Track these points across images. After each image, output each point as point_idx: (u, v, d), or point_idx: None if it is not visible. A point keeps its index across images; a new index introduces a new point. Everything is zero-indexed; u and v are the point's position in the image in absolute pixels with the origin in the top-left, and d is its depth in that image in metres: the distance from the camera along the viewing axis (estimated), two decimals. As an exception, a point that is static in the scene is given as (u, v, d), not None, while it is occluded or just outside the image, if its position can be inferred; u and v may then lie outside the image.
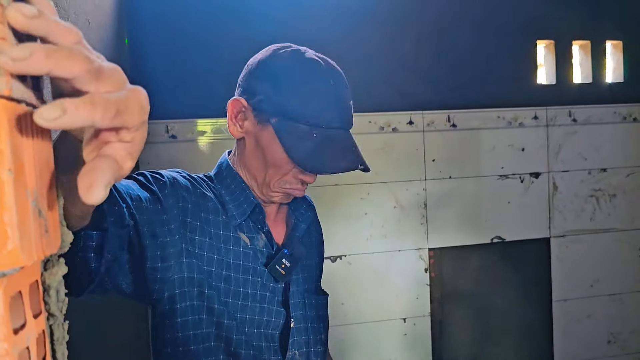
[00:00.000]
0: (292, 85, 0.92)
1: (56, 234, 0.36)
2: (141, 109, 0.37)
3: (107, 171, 0.33)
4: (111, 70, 0.35)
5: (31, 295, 0.34)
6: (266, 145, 0.94)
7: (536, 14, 2.31)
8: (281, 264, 0.97)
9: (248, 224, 0.99)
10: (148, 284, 0.86)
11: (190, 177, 0.98)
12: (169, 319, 0.90)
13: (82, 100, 0.31)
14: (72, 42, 0.33)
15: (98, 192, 0.32)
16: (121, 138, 0.36)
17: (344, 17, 2.12)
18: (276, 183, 0.96)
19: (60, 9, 0.97)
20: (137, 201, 0.82)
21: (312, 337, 1.04)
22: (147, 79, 1.93)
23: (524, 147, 2.31)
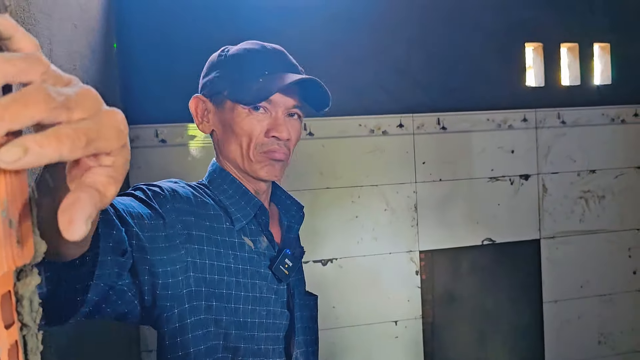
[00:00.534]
0: (236, 56, 0.99)
1: (29, 244, 0.36)
2: (118, 132, 0.35)
3: (87, 205, 0.32)
4: (82, 95, 0.33)
5: (3, 305, 0.33)
6: (230, 119, 0.98)
7: (524, 17, 2.32)
8: (285, 264, 0.99)
9: (251, 227, 0.99)
10: (158, 303, 0.85)
11: (189, 186, 0.98)
12: (180, 335, 0.88)
13: (45, 136, 0.29)
14: (39, 72, 0.32)
15: (78, 228, 0.31)
16: (101, 163, 0.35)
17: (333, 21, 2.12)
18: (254, 151, 0.97)
19: (45, 15, 0.96)
20: (139, 219, 0.81)
21: (308, 337, 1.07)
22: (137, 83, 1.93)
23: (513, 149, 2.32)
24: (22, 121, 0.29)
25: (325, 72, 2.10)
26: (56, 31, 1.04)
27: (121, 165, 0.36)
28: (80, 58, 1.28)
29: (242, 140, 0.97)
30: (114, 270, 0.72)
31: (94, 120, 0.33)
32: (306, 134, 2.10)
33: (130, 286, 0.80)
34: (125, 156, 0.36)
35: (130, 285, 0.80)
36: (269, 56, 0.99)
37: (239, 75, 0.97)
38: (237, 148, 0.98)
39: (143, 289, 0.82)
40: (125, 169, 0.37)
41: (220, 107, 1.00)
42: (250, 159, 0.98)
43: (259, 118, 0.97)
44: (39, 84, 0.31)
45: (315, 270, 2.12)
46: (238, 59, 0.99)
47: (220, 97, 0.99)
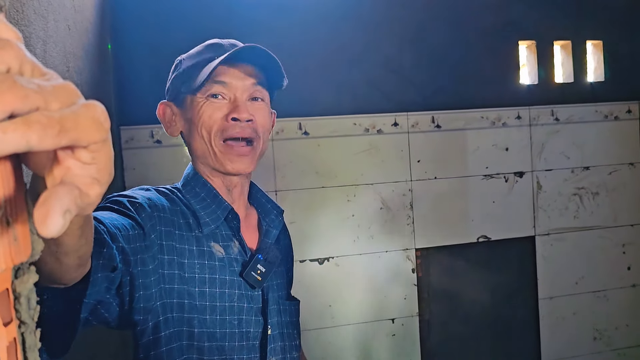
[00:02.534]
0: (188, 56, 1.01)
1: (26, 241, 0.36)
2: (97, 124, 0.32)
3: (64, 197, 0.30)
4: (58, 87, 0.31)
5: (2, 303, 0.34)
6: (192, 113, 0.98)
7: (517, 15, 2.33)
8: (256, 270, 0.97)
9: (221, 232, 0.98)
10: (134, 315, 0.84)
11: (163, 192, 0.97)
12: (154, 349, 0.87)
13: (11, 122, 0.27)
14: (11, 58, 0.29)
15: (55, 221, 0.29)
16: (78, 157, 0.32)
17: (328, 20, 2.13)
18: (215, 139, 0.96)
19: (39, 16, 0.96)
20: (125, 230, 0.80)
21: (287, 343, 1.04)
22: (131, 84, 1.93)
23: (507, 147, 2.33)
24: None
25: (319, 72, 2.11)
26: (51, 32, 1.04)
27: (104, 164, 0.34)
28: (74, 59, 1.28)
29: (203, 130, 0.96)
30: (103, 285, 0.72)
31: (70, 109, 0.31)
32: (301, 134, 2.11)
33: (114, 297, 0.80)
34: (108, 154, 0.34)
35: (114, 296, 0.80)
36: (221, 45, 1.00)
37: (192, 67, 0.98)
38: (200, 140, 0.97)
39: (125, 299, 0.82)
40: (109, 170, 0.34)
41: (182, 106, 1.00)
42: (214, 150, 0.96)
43: (218, 105, 0.96)
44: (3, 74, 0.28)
45: (311, 269, 2.13)
46: (191, 56, 1.00)
47: (181, 96, 1.00)
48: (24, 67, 0.30)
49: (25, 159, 0.36)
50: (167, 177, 1.93)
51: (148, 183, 1.92)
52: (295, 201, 2.09)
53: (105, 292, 0.73)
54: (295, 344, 1.06)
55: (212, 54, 0.97)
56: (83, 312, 0.66)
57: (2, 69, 0.29)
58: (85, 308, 0.66)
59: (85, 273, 0.59)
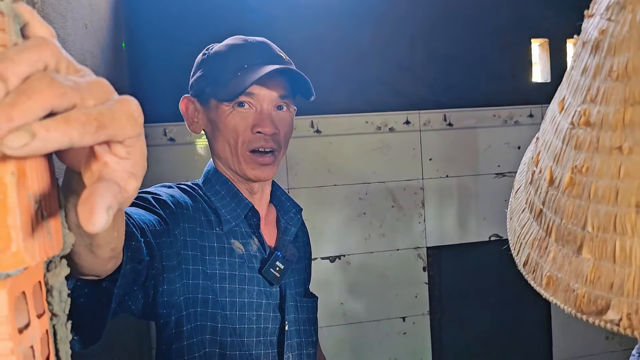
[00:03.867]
0: (218, 53, 0.99)
1: (58, 235, 0.37)
2: (132, 120, 0.32)
3: (106, 193, 0.31)
4: (93, 83, 0.31)
5: (34, 295, 0.34)
6: (215, 117, 0.97)
7: (530, 13, 2.32)
8: (275, 267, 0.98)
9: (241, 229, 0.99)
10: (157, 309, 0.86)
11: (185, 190, 0.98)
12: (176, 343, 0.89)
13: (53, 120, 0.28)
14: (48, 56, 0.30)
15: (100, 217, 0.29)
16: (115, 152, 0.33)
17: (339, 18, 2.13)
18: (241, 149, 0.96)
19: (58, 15, 0.98)
20: (152, 226, 0.82)
21: (304, 339, 1.05)
22: (145, 82, 1.94)
23: (519, 145, 2.32)
24: (31, 114, 0.27)
25: (331, 70, 2.11)
26: (70, 31, 1.05)
27: (139, 159, 0.34)
28: (91, 57, 1.29)
29: (229, 138, 0.96)
30: (131, 277, 0.73)
31: (106, 105, 0.31)
32: (313, 132, 2.11)
33: (140, 290, 0.82)
34: (142, 149, 0.34)
35: (140, 289, 0.82)
36: (250, 49, 0.98)
37: (219, 71, 0.96)
38: (226, 146, 0.98)
39: (149, 292, 0.84)
40: (143, 164, 0.35)
41: (206, 106, 1.00)
42: (238, 158, 0.97)
43: (243, 114, 0.96)
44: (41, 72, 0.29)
45: (323, 267, 2.13)
46: (219, 56, 0.98)
47: (205, 96, 0.99)
48: (59, 65, 0.31)
49: (61, 154, 0.37)
50: (181, 174, 1.94)
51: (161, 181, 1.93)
52: (307, 199, 2.09)
53: (132, 283, 0.75)
54: (311, 340, 1.07)
55: (242, 61, 0.95)
56: (113, 303, 0.67)
57: (40, 67, 0.29)
58: (115, 299, 0.67)
59: (118, 265, 0.60)
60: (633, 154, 0.48)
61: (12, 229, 0.30)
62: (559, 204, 0.56)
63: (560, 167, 0.56)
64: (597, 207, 0.51)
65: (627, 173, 0.49)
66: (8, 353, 0.30)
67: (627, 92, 0.49)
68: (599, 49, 0.54)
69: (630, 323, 0.46)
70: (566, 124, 0.56)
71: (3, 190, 0.29)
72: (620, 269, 0.48)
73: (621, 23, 0.51)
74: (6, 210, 0.29)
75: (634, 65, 0.49)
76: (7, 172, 0.29)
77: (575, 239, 0.52)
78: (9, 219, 0.30)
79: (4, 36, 0.30)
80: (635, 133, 0.48)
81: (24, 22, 0.33)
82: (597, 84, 0.53)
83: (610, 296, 0.49)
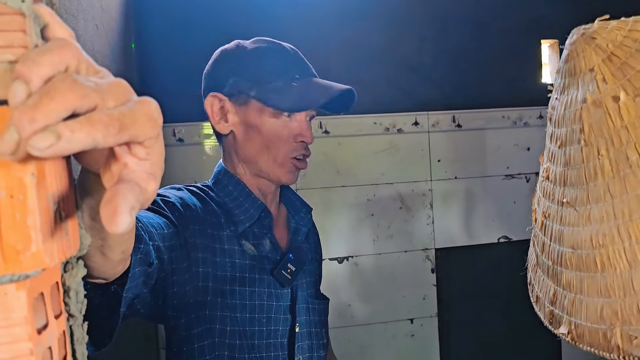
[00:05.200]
0: (258, 54, 0.97)
1: (75, 236, 0.37)
2: (152, 121, 0.33)
3: (129, 195, 0.31)
4: (113, 84, 0.32)
5: (52, 296, 0.35)
6: (256, 121, 0.96)
7: (540, 14, 2.31)
8: (287, 269, 0.97)
9: (253, 230, 0.98)
10: (167, 311, 0.86)
11: (194, 192, 0.98)
12: (187, 345, 0.89)
13: (77, 122, 0.28)
14: (69, 57, 0.30)
15: (123, 219, 0.30)
16: (135, 153, 0.33)
17: (348, 18, 2.13)
18: (283, 155, 0.97)
19: (70, 15, 0.98)
20: (160, 229, 0.81)
21: (315, 342, 1.04)
22: (154, 82, 1.94)
23: (529, 147, 2.31)
24: (54, 115, 0.27)
25: (339, 70, 2.11)
26: (81, 32, 1.06)
27: (158, 159, 0.34)
28: (101, 58, 1.30)
29: (271, 145, 0.96)
30: (140, 280, 0.73)
31: (127, 106, 0.31)
32: (322, 132, 2.11)
33: (150, 293, 0.82)
34: (160, 150, 0.35)
35: (150, 292, 0.81)
36: (292, 58, 0.98)
37: (265, 76, 0.95)
38: (264, 152, 0.97)
39: (159, 295, 0.84)
40: (161, 165, 0.35)
41: (242, 106, 0.97)
42: (277, 164, 0.97)
43: (286, 122, 0.96)
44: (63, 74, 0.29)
45: (331, 268, 2.13)
46: (260, 59, 0.97)
47: (244, 97, 0.96)
48: (80, 66, 0.31)
49: (79, 155, 0.37)
50: (189, 175, 1.95)
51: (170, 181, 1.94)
52: (316, 200, 2.09)
53: (142, 286, 0.75)
54: (322, 343, 1.06)
55: (290, 70, 0.96)
56: (122, 306, 0.67)
57: (61, 69, 0.30)
58: (124, 302, 0.67)
59: (126, 268, 0.60)
60: (569, 206, 0.60)
61: (32, 229, 0.30)
62: (539, 240, 0.72)
63: (539, 210, 0.72)
64: (554, 245, 0.65)
65: (567, 221, 0.61)
66: (27, 354, 0.30)
67: (565, 158, 0.62)
68: (551, 121, 0.70)
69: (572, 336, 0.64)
70: (540, 175, 0.73)
71: (23, 191, 0.29)
72: (569, 294, 0.62)
73: (562, 102, 0.65)
74: (26, 210, 0.30)
75: (568, 138, 0.62)
76: (28, 173, 0.29)
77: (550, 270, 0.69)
78: (29, 219, 0.30)
79: (25, 38, 0.30)
80: (570, 190, 0.60)
81: (44, 23, 0.33)
82: (551, 148, 0.68)
83: (564, 315, 0.66)
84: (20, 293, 0.30)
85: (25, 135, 0.27)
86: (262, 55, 0.97)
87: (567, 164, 0.59)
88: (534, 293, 0.81)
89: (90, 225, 0.43)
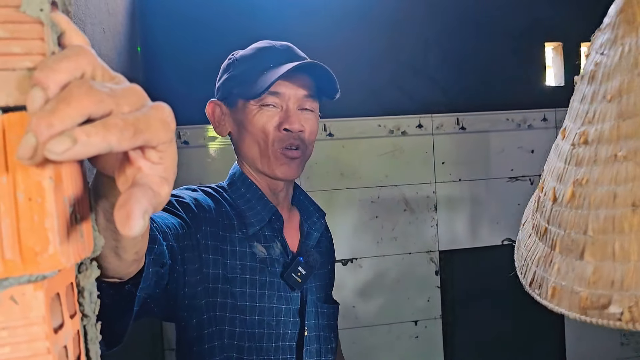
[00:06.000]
0: (241, 57, 1.01)
1: (89, 238, 0.38)
2: (165, 125, 0.33)
3: (142, 199, 0.31)
4: (128, 90, 0.33)
5: (67, 296, 0.35)
6: (242, 117, 0.99)
7: (544, 17, 2.31)
8: (297, 272, 0.98)
9: (264, 233, 0.99)
10: (178, 312, 0.87)
11: (209, 193, 0.99)
12: (197, 346, 0.89)
13: (93, 126, 0.29)
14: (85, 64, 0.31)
15: (136, 222, 0.30)
16: (148, 157, 0.34)
17: (352, 21, 2.14)
18: (271, 147, 0.97)
19: (78, 20, 0.99)
20: (174, 229, 0.82)
21: (323, 346, 1.04)
22: (159, 85, 1.96)
23: (533, 149, 2.31)
24: (71, 120, 0.28)
25: (343, 73, 2.12)
26: (89, 36, 1.07)
27: (171, 164, 0.35)
28: (107, 62, 1.30)
29: (258, 137, 0.98)
30: (153, 280, 0.74)
31: (141, 111, 0.32)
32: (326, 135, 2.12)
33: (162, 293, 0.82)
34: (173, 154, 0.35)
35: (163, 292, 0.82)
36: (276, 51, 1.00)
37: (245, 72, 0.98)
38: (254, 146, 0.99)
39: (171, 295, 0.84)
40: (174, 169, 0.36)
41: (233, 108, 1.01)
42: (268, 157, 0.98)
43: (271, 113, 0.97)
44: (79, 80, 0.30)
45: (335, 270, 2.13)
46: (245, 58, 1.01)
47: (232, 98, 1.01)
48: (96, 72, 0.32)
49: (94, 159, 0.38)
50: (194, 177, 1.96)
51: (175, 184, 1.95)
52: (320, 202, 2.08)
53: (154, 287, 0.76)
54: (331, 347, 1.07)
55: (268, 61, 0.97)
56: (135, 306, 0.68)
57: (78, 75, 0.31)
58: (137, 301, 0.68)
59: (140, 268, 0.61)
60: (627, 160, 0.54)
61: (49, 231, 0.31)
62: (562, 217, 0.63)
63: (562, 184, 0.64)
64: (597, 212, 0.57)
65: (623, 178, 0.54)
66: (45, 352, 0.31)
67: (621, 109, 0.57)
68: (594, 79, 0.65)
69: (631, 316, 0.50)
70: (567, 146, 0.65)
71: (42, 194, 0.30)
72: (620, 266, 0.53)
73: (612, 55, 0.62)
74: (44, 213, 0.30)
75: (624, 86, 0.57)
76: (46, 177, 0.30)
77: (577, 246, 0.58)
78: (47, 221, 0.30)
79: (43, 45, 0.31)
80: (628, 142, 0.55)
81: (60, 31, 0.34)
82: (593, 108, 0.63)
83: (612, 292, 0.54)
84: (38, 293, 0.31)
85: (42, 140, 0.28)
86: (247, 56, 1.01)
87: (622, 115, 0.55)
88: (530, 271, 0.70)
89: (104, 227, 0.44)
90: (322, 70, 0.96)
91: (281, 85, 0.96)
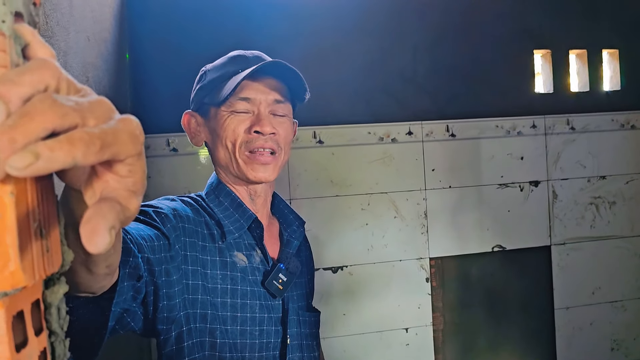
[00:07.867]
0: (212, 68, 1.03)
1: (57, 253, 0.37)
2: (133, 138, 0.33)
3: (108, 214, 0.31)
4: (95, 103, 0.32)
5: (33, 313, 0.34)
6: (216, 125, 0.99)
7: (533, 24, 2.33)
8: (278, 279, 0.97)
9: (244, 241, 0.98)
10: (157, 325, 0.85)
11: (188, 202, 0.98)
12: (177, 359, 0.88)
13: (57, 141, 0.28)
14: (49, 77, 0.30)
15: (102, 239, 0.30)
16: (117, 171, 0.33)
17: (343, 29, 2.14)
18: (239, 150, 0.97)
19: (61, 28, 0.98)
20: (150, 241, 0.81)
21: (306, 354, 1.04)
22: (148, 93, 1.95)
23: (523, 156, 2.32)
24: (34, 135, 0.28)
25: (333, 81, 2.12)
26: (72, 44, 1.06)
27: (140, 177, 0.34)
28: (93, 69, 1.30)
29: (227, 141, 0.98)
30: (129, 294, 0.73)
31: (108, 124, 0.31)
32: (316, 142, 2.11)
33: (139, 307, 0.81)
34: (142, 167, 0.35)
35: (139, 305, 0.81)
36: (245, 59, 1.01)
37: (216, 80, 1.00)
38: (224, 151, 0.99)
39: (149, 309, 0.83)
40: (144, 182, 0.35)
41: (206, 117, 1.02)
42: (237, 160, 0.98)
43: (241, 118, 0.98)
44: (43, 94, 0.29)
45: (325, 278, 2.12)
46: (216, 68, 1.02)
47: (205, 107, 1.02)
48: (60, 85, 0.31)
49: (61, 173, 0.37)
50: (183, 185, 1.95)
51: (164, 191, 1.93)
52: (310, 210, 2.09)
53: (131, 300, 0.74)
54: (314, 355, 1.06)
55: (236, 67, 0.99)
56: (110, 321, 0.67)
57: (41, 88, 0.30)
58: (112, 316, 0.67)
59: (113, 282, 0.60)
60: None
61: (10, 247, 0.30)
62: None
63: None
64: None
65: None
66: (5, 373, 0.30)
67: None
68: None
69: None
70: None
71: (2, 209, 0.29)
72: None
73: None
74: (5, 229, 0.30)
75: None
76: (7, 192, 0.29)
77: None
78: (7, 238, 0.30)
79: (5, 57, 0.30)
80: None
81: (25, 43, 0.33)
82: None
83: None
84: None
85: (4, 155, 0.27)
86: (218, 65, 1.03)
87: None
88: None
89: (73, 241, 0.43)
90: (288, 71, 0.96)
91: (251, 90, 0.97)
